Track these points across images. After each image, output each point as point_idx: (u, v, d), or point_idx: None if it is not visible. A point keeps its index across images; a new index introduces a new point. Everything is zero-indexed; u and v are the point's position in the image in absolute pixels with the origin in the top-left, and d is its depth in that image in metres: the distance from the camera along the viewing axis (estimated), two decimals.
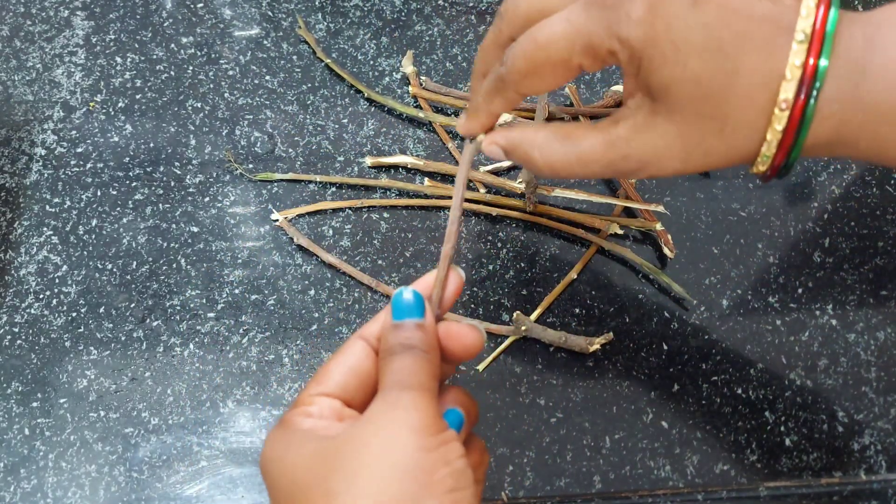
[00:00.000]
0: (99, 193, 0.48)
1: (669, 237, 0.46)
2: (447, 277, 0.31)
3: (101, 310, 0.44)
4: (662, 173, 0.30)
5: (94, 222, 0.47)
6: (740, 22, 0.26)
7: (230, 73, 0.52)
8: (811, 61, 0.26)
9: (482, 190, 0.48)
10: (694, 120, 0.28)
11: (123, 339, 0.44)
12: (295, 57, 0.52)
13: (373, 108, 0.51)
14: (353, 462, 0.25)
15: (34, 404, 0.42)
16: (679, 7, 0.27)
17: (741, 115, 0.27)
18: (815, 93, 0.26)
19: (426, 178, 0.48)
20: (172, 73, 0.51)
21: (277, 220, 0.46)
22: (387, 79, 0.52)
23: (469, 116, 0.33)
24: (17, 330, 0.44)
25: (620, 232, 0.46)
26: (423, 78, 0.51)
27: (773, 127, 0.27)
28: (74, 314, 0.44)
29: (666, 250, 0.45)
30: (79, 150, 0.49)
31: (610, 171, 0.30)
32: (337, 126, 0.50)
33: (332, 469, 0.25)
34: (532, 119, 0.49)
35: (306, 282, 0.45)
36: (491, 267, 0.46)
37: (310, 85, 0.51)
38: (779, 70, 0.26)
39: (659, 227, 0.46)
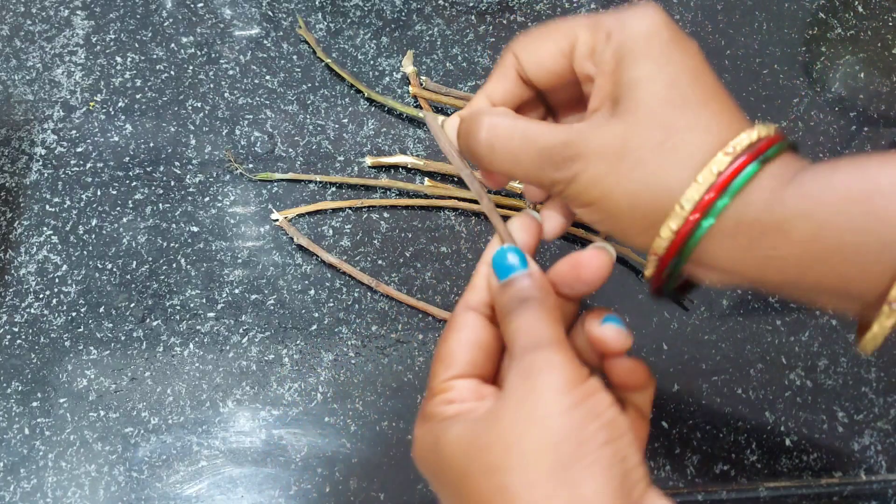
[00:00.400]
0: (99, 193, 0.48)
1: None
2: (520, 222, 0.31)
3: (101, 309, 0.44)
4: (581, 178, 0.28)
5: (93, 222, 0.47)
6: (709, 91, 0.27)
7: (230, 72, 0.52)
8: (724, 176, 0.25)
9: None
10: (644, 122, 0.27)
11: (123, 338, 0.44)
12: (295, 57, 0.52)
13: (373, 108, 0.51)
14: (505, 437, 0.25)
15: (34, 404, 0.42)
16: (685, 42, 0.28)
17: (688, 133, 0.26)
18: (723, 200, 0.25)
19: (426, 178, 0.48)
20: (172, 72, 0.51)
21: (277, 220, 0.46)
22: (387, 79, 0.52)
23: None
24: (16, 329, 0.44)
25: None
26: (423, 78, 0.51)
27: (708, 168, 0.26)
28: (74, 314, 0.44)
29: None
30: (79, 149, 0.49)
31: (543, 157, 0.28)
32: (337, 126, 0.50)
33: (486, 448, 0.25)
34: None
35: (306, 282, 0.45)
36: None
37: (310, 85, 0.51)
38: (701, 163, 0.26)
39: None
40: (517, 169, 0.29)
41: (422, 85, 0.51)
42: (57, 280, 0.45)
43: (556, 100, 0.33)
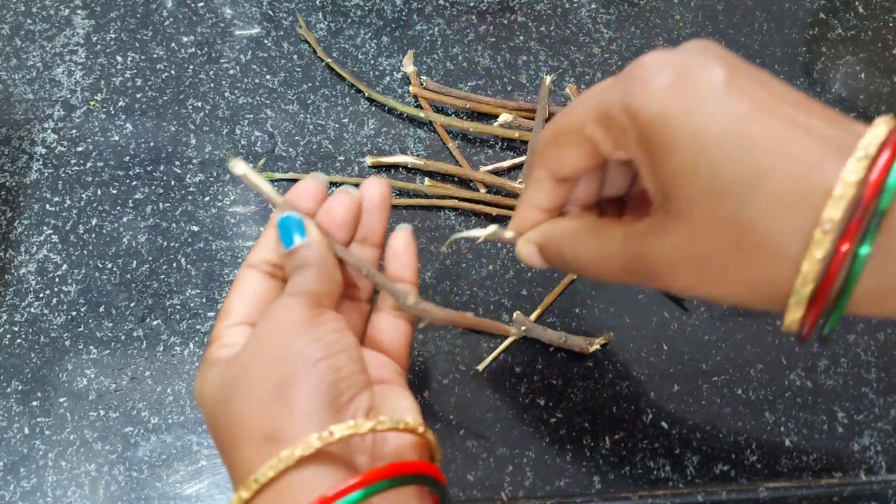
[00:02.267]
0: (99, 192, 0.48)
1: None
2: (302, 189, 0.33)
3: (101, 309, 0.44)
4: (676, 287, 0.26)
5: (94, 221, 0.47)
6: (781, 120, 0.22)
7: (231, 72, 0.52)
8: (874, 176, 0.21)
9: (482, 190, 0.48)
10: (707, 223, 0.23)
11: (123, 338, 0.44)
12: (295, 56, 0.52)
13: (373, 108, 0.51)
14: (239, 370, 0.28)
15: (34, 403, 0.42)
16: (709, 86, 0.23)
17: (766, 227, 0.22)
18: (875, 219, 0.21)
19: (426, 178, 0.48)
20: (173, 72, 0.51)
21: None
22: (387, 78, 0.52)
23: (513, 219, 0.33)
24: (16, 329, 0.44)
25: None
26: (423, 77, 0.51)
27: (810, 254, 0.22)
28: (74, 313, 0.44)
29: None
30: (79, 148, 0.49)
31: (627, 273, 0.27)
32: (337, 125, 0.50)
33: (227, 383, 0.28)
34: (532, 119, 0.49)
35: None
36: (491, 267, 0.46)
37: (310, 84, 0.51)
38: (822, 185, 0.21)
39: None
40: (615, 281, 0.29)
41: (422, 85, 0.51)
42: (57, 279, 0.45)
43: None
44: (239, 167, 0.32)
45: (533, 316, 0.44)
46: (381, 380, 0.32)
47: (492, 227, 0.34)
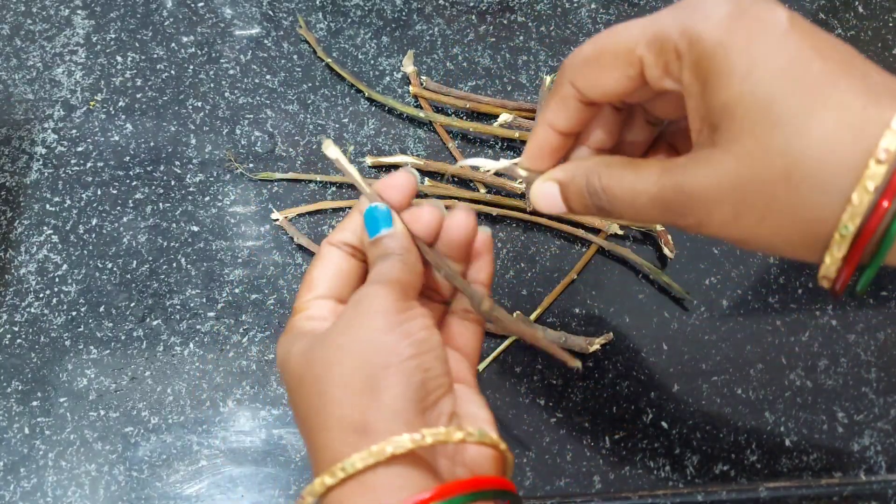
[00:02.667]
0: (99, 192, 0.48)
1: (669, 237, 0.46)
2: (391, 182, 0.32)
3: (101, 309, 0.44)
4: (711, 222, 0.25)
5: (94, 221, 0.47)
6: (839, 63, 0.23)
7: (231, 72, 0.52)
8: None
9: (482, 190, 0.48)
10: (757, 153, 0.23)
11: (123, 338, 0.44)
12: (295, 56, 0.52)
13: (373, 108, 0.51)
14: (331, 352, 0.28)
15: (34, 403, 0.42)
16: (771, 23, 0.23)
17: (819, 158, 0.22)
18: None
19: (426, 178, 0.48)
20: (173, 72, 0.51)
21: (277, 220, 0.46)
22: (387, 78, 0.52)
23: (525, 154, 0.31)
24: (17, 329, 0.44)
25: (620, 232, 0.46)
26: (423, 78, 0.51)
27: (863, 185, 0.21)
28: (74, 313, 0.44)
29: (666, 250, 0.45)
30: (79, 149, 0.49)
31: (660, 206, 0.26)
32: (337, 125, 0.50)
33: (317, 360, 0.28)
34: (532, 119, 0.49)
35: None
36: None
37: (310, 84, 0.51)
38: (880, 119, 0.22)
39: (659, 227, 0.46)
40: (642, 219, 0.28)
41: (422, 85, 0.51)
42: (57, 279, 0.45)
43: (650, 106, 0.30)
44: (331, 151, 0.32)
45: (533, 316, 0.44)
46: (457, 378, 0.32)
47: (505, 161, 0.32)
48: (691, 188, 0.25)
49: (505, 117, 0.48)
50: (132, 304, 0.45)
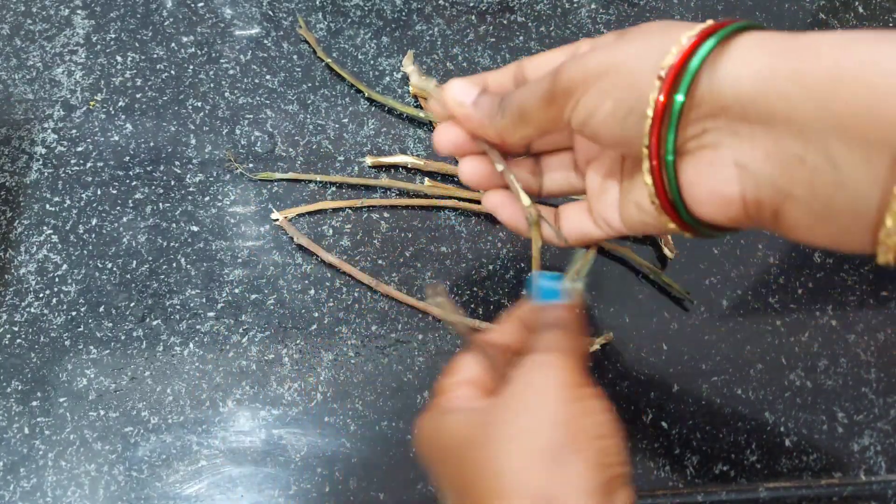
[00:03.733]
0: (99, 192, 0.48)
1: (670, 237, 0.46)
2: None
3: (101, 309, 0.44)
4: (578, 109, 0.28)
5: (94, 221, 0.47)
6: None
7: (230, 72, 0.52)
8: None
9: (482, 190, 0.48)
10: (603, 53, 0.27)
11: (123, 338, 0.44)
12: (295, 56, 0.52)
13: (373, 108, 0.51)
14: (506, 415, 0.27)
15: (34, 403, 0.42)
16: None
17: (629, 62, 0.27)
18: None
19: (426, 178, 0.48)
20: (173, 72, 0.51)
21: (277, 220, 0.46)
22: (387, 78, 0.52)
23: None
24: (16, 329, 0.44)
25: None
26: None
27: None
28: (74, 313, 0.44)
29: (666, 250, 0.45)
30: (79, 148, 0.49)
31: (547, 97, 0.29)
32: (337, 125, 0.50)
33: (487, 425, 0.27)
34: None
35: (306, 281, 0.45)
36: (491, 267, 0.46)
37: (310, 84, 0.51)
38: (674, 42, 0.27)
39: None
40: (529, 112, 0.30)
41: None
42: (57, 279, 0.45)
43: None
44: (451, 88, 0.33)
45: None
46: None
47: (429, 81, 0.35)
48: (594, 64, 0.28)
49: None
50: (132, 304, 0.45)
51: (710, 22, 0.27)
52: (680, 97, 0.26)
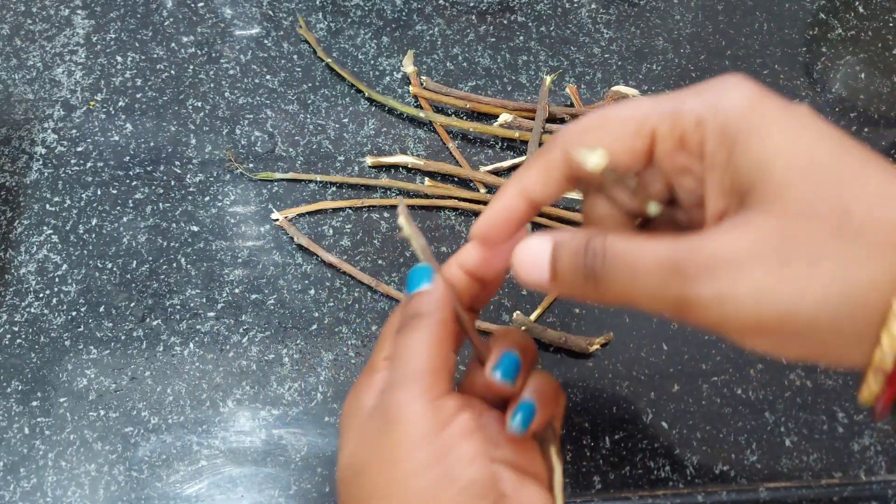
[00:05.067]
0: (99, 192, 0.48)
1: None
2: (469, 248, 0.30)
3: (101, 309, 0.44)
4: (737, 291, 0.21)
5: (94, 221, 0.47)
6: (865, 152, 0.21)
7: (231, 72, 0.52)
8: None
9: (482, 190, 0.48)
10: (806, 205, 0.20)
11: (123, 338, 0.44)
12: (295, 56, 0.52)
13: (373, 108, 0.51)
14: (369, 489, 0.26)
15: (34, 403, 0.42)
16: (794, 106, 0.23)
17: (873, 215, 0.20)
18: None
19: (426, 178, 0.48)
20: (173, 72, 0.51)
21: (277, 220, 0.46)
22: (387, 78, 0.52)
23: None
24: (16, 329, 0.44)
25: None
26: (423, 78, 0.51)
27: (888, 330, 0.19)
28: (74, 313, 0.44)
29: None
30: (79, 149, 0.49)
31: (669, 270, 0.23)
32: (337, 125, 0.50)
33: (359, 485, 0.26)
34: (533, 119, 0.49)
35: (306, 281, 0.45)
36: None
37: (310, 84, 0.51)
38: None
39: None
40: (640, 290, 0.24)
41: (422, 85, 0.51)
42: (57, 279, 0.45)
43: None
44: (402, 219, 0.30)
45: (533, 316, 0.44)
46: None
47: (420, 241, 0.30)
48: (714, 249, 0.22)
49: (505, 117, 0.48)
50: (132, 304, 0.45)
51: None
52: None
